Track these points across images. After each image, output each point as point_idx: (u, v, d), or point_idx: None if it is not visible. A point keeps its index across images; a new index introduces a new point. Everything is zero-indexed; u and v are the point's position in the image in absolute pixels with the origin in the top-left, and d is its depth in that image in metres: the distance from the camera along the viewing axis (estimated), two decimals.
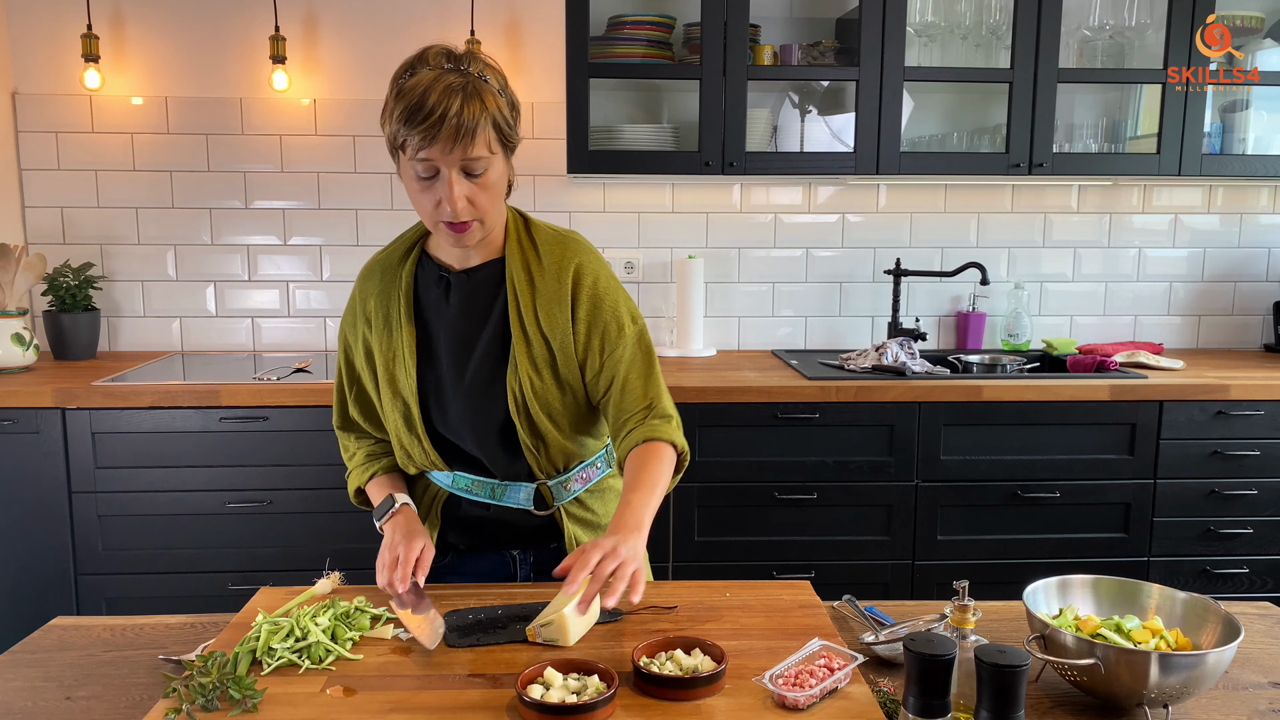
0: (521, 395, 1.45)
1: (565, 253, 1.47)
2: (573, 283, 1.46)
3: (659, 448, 1.43)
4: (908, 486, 2.70)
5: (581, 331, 1.46)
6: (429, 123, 1.27)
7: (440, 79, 1.29)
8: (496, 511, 1.52)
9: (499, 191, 1.39)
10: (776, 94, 3.12)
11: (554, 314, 1.45)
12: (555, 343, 1.45)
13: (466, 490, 1.52)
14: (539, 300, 1.45)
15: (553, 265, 1.46)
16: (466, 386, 1.47)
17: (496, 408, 1.46)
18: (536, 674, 1.14)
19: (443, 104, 1.27)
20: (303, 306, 3.18)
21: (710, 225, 3.21)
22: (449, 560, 1.59)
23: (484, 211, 1.37)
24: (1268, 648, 1.34)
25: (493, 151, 1.34)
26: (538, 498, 1.52)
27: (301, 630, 1.25)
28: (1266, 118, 3.05)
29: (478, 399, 1.47)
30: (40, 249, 3.05)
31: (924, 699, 1.01)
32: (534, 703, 1.07)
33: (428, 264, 1.51)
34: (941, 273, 3.14)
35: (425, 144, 1.29)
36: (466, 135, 1.29)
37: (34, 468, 2.57)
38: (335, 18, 3.05)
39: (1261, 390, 2.71)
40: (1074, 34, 2.99)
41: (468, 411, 1.47)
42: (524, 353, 1.45)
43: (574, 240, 1.51)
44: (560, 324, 1.45)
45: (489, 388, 1.47)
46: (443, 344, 1.48)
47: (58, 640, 1.38)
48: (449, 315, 1.48)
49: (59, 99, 3.02)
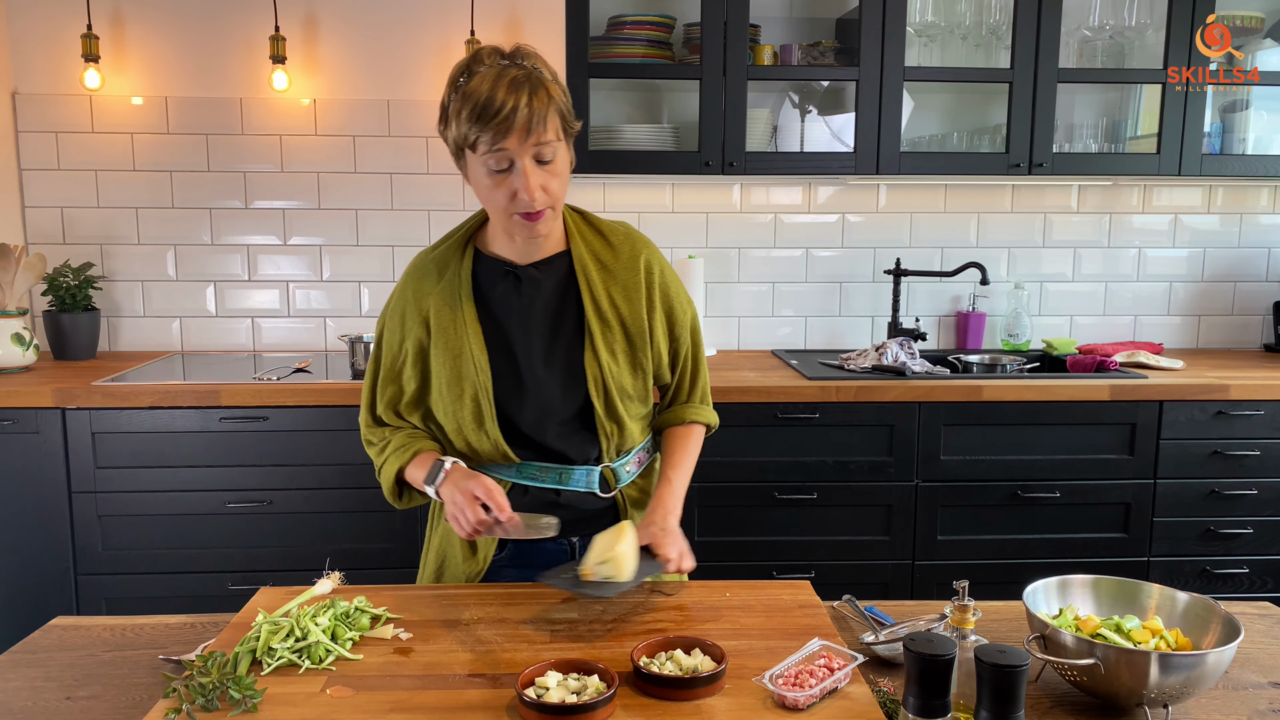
0: (602, 379, 1.50)
1: (635, 244, 1.56)
2: (645, 273, 1.54)
3: (695, 430, 1.64)
4: (908, 486, 2.70)
5: (659, 319, 1.55)
6: (501, 117, 1.32)
7: (502, 74, 1.35)
8: (565, 496, 1.54)
9: (566, 178, 1.44)
10: (776, 94, 3.12)
11: (632, 299, 1.53)
12: (631, 326, 1.52)
13: (532, 478, 1.54)
14: (614, 287, 1.53)
15: (625, 253, 1.55)
16: (546, 375, 1.50)
17: (576, 393, 1.51)
18: (536, 674, 1.14)
19: (512, 98, 1.33)
20: (303, 306, 3.18)
21: (710, 225, 3.21)
22: (507, 552, 1.58)
23: (555, 199, 1.42)
24: (1268, 648, 1.34)
25: (559, 139, 1.39)
26: (601, 481, 1.55)
27: (301, 630, 1.25)
28: (1266, 118, 3.05)
29: (558, 386, 1.50)
30: (40, 249, 3.05)
31: (924, 699, 1.01)
32: (534, 703, 1.07)
33: (485, 260, 1.53)
34: (941, 273, 3.14)
35: (500, 138, 1.34)
36: (539, 124, 1.34)
37: (34, 468, 2.57)
38: (335, 18, 3.05)
39: (1261, 390, 2.71)
40: (1074, 34, 2.99)
41: (548, 399, 1.50)
42: (601, 337, 1.51)
43: (637, 233, 1.60)
44: (636, 310, 1.52)
45: (568, 374, 1.51)
46: (517, 337, 1.51)
47: (58, 640, 1.38)
48: (521, 308, 1.51)
49: (59, 99, 3.02)
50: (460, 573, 1.57)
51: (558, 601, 1.42)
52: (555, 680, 1.13)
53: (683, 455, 1.60)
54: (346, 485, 2.63)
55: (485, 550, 1.55)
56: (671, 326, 1.57)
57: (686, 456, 1.60)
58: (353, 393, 2.59)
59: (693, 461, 1.61)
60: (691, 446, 1.62)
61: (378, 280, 3.18)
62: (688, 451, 1.61)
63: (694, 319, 1.63)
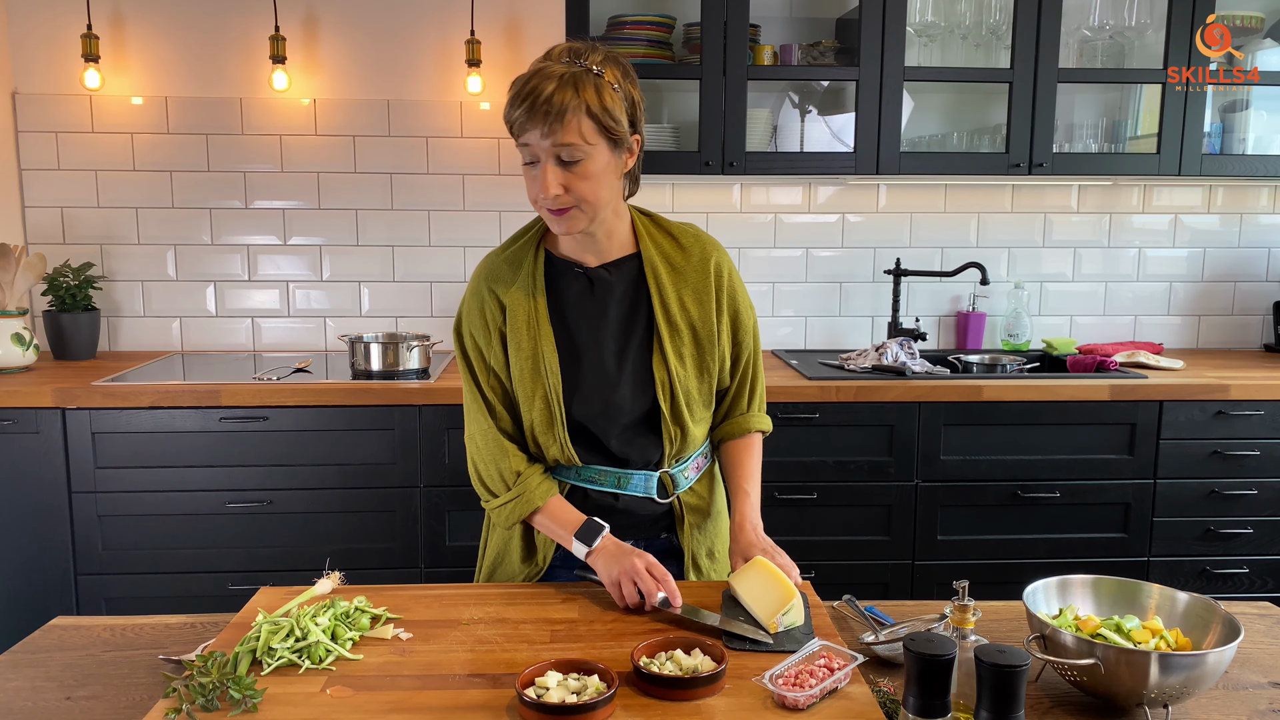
0: (670, 383, 1.49)
1: (705, 247, 1.56)
2: (715, 275, 1.54)
3: (756, 440, 1.64)
4: (908, 486, 2.70)
5: (725, 323, 1.55)
6: (524, 105, 1.34)
7: (549, 68, 1.37)
8: (623, 500, 1.54)
9: (602, 183, 1.41)
10: (776, 94, 3.12)
11: (702, 302, 1.53)
12: (700, 330, 1.52)
13: (591, 481, 1.53)
14: (685, 290, 1.53)
15: (696, 255, 1.55)
16: (616, 377, 1.50)
17: (644, 396, 1.50)
18: (536, 674, 1.14)
19: (538, 88, 1.34)
20: (303, 306, 3.18)
21: (710, 225, 3.21)
22: (563, 554, 1.57)
23: (582, 199, 1.40)
24: (1268, 648, 1.34)
25: (589, 141, 1.37)
26: (660, 486, 1.54)
27: (301, 630, 1.24)
28: (1266, 118, 3.05)
29: (626, 389, 1.50)
30: (40, 249, 3.05)
31: (924, 699, 1.01)
32: (534, 703, 1.07)
33: (556, 262, 1.53)
34: (941, 273, 3.14)
35: (522, 127, 1.36)
36: (556, 120, 1.34)
37: (34, 468, 2.57)
38: (335, 18, 3.05)
39: (1261, 390, 2.71)
40: (1074, 34, 2.98)
41: (618, 401, 1.50)
42: (670, 341, 1.50)
43: (707, 235, 1.60)
44: (705, 313, 1.53)
45: (636, 377, 1.50)
46: (587, 338, 1.51)
47: (58, 640, 1.38)
48: (593, 310, 1.51)
49: (59, 99, 3.02)
50: (518, 573, 1.58)
51: (558, 601, 1.42)
52: (555, 680, 1.13)
53: (754, 466, 1.61)
54: (346, 485, 2.63)
55: (544, 551, 1.56)
56: (736, 330, 1.57)
57: (757, 468, 1.62)
58: (353, 393, 2.58)
59: (760, 471, 1.62)
60: (758, 457, 1.63)
61: (378, 280, 3.18)
62: (757, 462, 1.62)
63: (756, 324, 1.63)
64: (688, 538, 1.57)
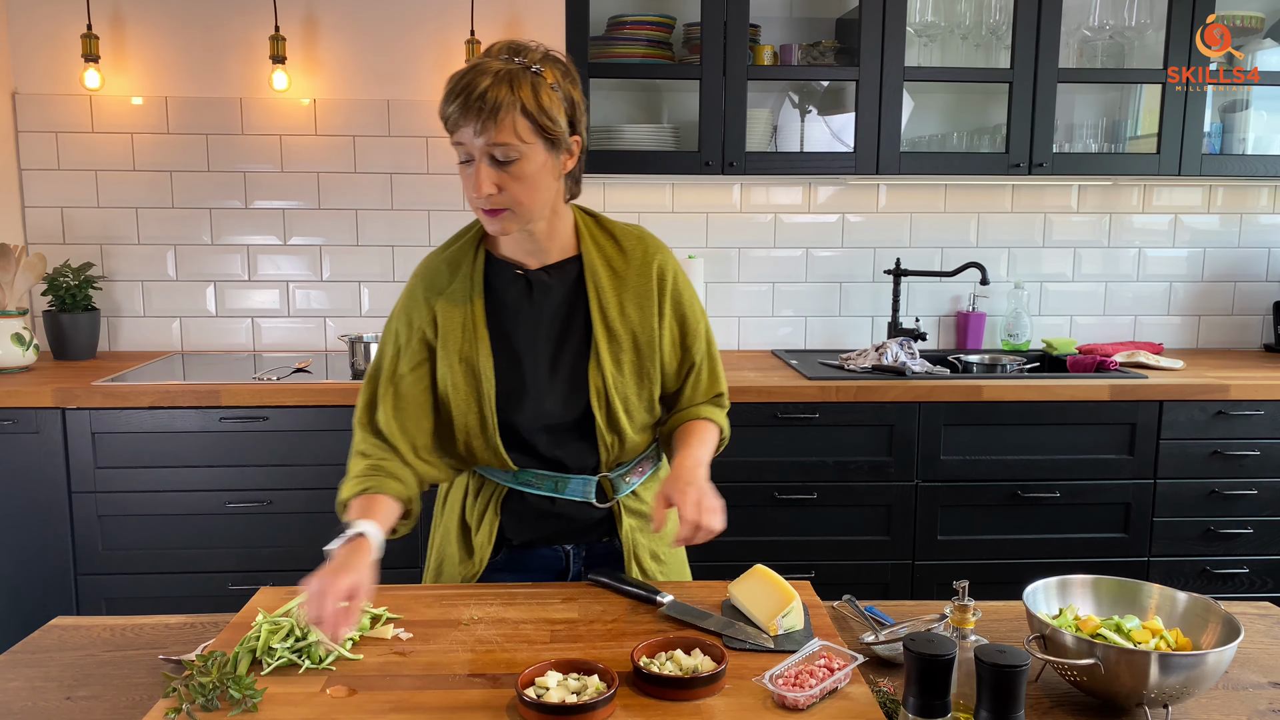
0: (604, 388, 1.47)
1: (648, 249, 1.52)
2: (658, 278, 1.50)
3: (710, 426, 1.54)
4: (908, 486, 2.70)
5: (667, 326, 1.51)
6: (458, 101, 1.31)
7: (486, 63, 1.33)
8: (560, 505, 1.53)
9: (537, 184, 1.37)
10: (776, 94, 3.12)
11: (642, 307, 1.49)
12: (640, 336, 1.49)
13: (528, 485, 1.53)
14: (625, 294, 1.49)
15: (637, 259, 1.51)
16: (549, 382, 1.48)
17: (578, 402, 1.48)
18: (536, 674, 1.14)
19: (473, 84, 1.31)
20: (303, 306, 3.18)
21: (710, 225, 3.21)
22: (503, 556, 1.58)
23: (516, 201, 1.37)
24: (1268, 648, 1.34)
25: (525, 141, 1.33)
26: (599, 490, 1.53)
27: (301, 630, 1.25)
28: (1266, 118, 3.05)
29: (560, 394, 1.48)
30: (40, 249, 3.05)
31: (924, 699, 1.01)
32: (534, 703, 1.07)
33: (496, 263, 1.51)
34: (941, 273, 3.14)
35: (456, 124, 1.33)
36: (489, 117, 1.30)
37: (34, 468, 2.56)
38: (335, 18, 3.05)
39: (1261, 390, 2.71)
40: (1074, 34, 2.98)
41: (549, 407, 1.48)
42: (606, 346, 1.47)
43: (651, 236, 1.55)
44: (645, 317, 1.49)
45: (570, 383, 1.48)
46: (523, 342, 1.49)
47: (58, 640, 1.38)
48: (530, 313, 1.49)
49: (59, 99, 3.02)
50: (456, 574, 1.57)
51: (558, 601, 1.42)
52: (555, 680, 1.13)
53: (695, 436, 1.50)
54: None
55: (481, 554, 1.55)
56: (683, 336, 1.53)
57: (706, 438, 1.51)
58: (353, 392, 2.58)
59: (713, 444, 1.52)
60: (708, 433, 1.52)
61: (378, 280, 3.18)
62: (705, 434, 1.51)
63: (708, 329, 1.58)
64: (628, 541, 1.55)
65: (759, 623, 1.30)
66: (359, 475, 1.48)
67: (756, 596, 1.33)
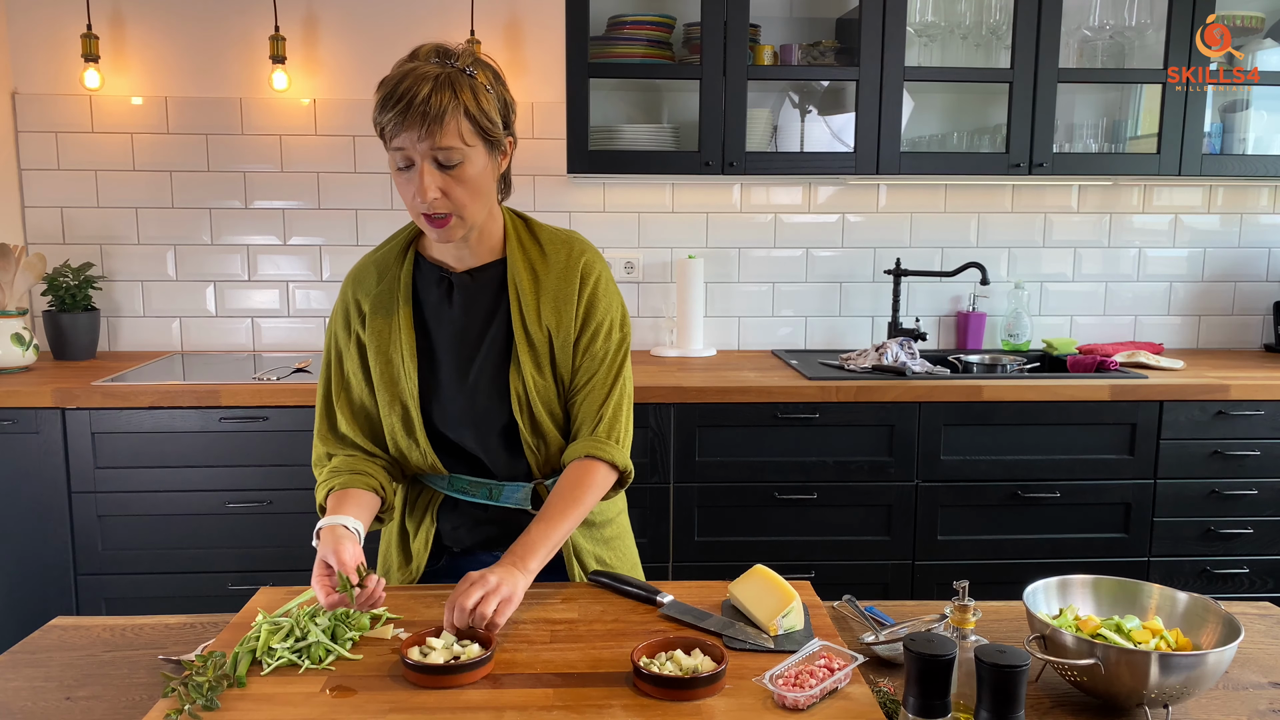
0: (525, 394, 1.46)
1: (572, 251, 1.49)
2: (580, 281, 1.48)
3: (593, 467, 1.44)
4: (908, 486, 2.70)
5: (577, 327, 1.48)
6: (398, 108, 1.29)
7: (418, 69, 1.32)
8: (494, 512, 1.52)
9: (479, 188, 1.37)
10: (776, 94, 3.12)
11: (560, 311, 1.46)
12: (558, 341, 1.47)
13: (463, 491, 1.52)
14: (544, 298, 1.47)
15: (559, 263, 1.48)
16: (469, 387, 1.47)
17: (500, 407, 1.47)
18: (420, 639, 1.23)
19: (411, 90, 1.29)
20: (302, 306, 3.18)
21: (710, 225, 3.21)
22: (443, 563, 1.58)
23: (460, 206, 1.36)
24: (1268, 648, 1.34)
25: (468, 144, 1.33)
26: (534, 497, 1.52)
27: (301, 630, 1.25)
28: (1266, 118, 3.05)
29: (481, 399, 1.47)
30: (40, 249, 3.05)
31: (924, 699, 1.01)
32: (415, 664, 1.16)
33: (424, 265, 1.51)
34: (941, 273, 3.14)
35: (396, 130, 1.31)
36: (434, 122, 1.29)
37: (34, 468, 2.57)
38: (335, 18, 3.05)
39: (1261, 390, 2.71)
40: (1074, 34, 2.99)
41: (470, 412, 1.48)
42: (526, 352, 1.46)
43: (579, 239, 1.53)
44: (565, 321, 1.47)
45: (492, 387, 1.47)
46: (444, 345, 1.48)
47: (58, 640, 1.38)
48: (451, 316, 1.48)
49: (59, 99, 3.02)
50: (395, 579, 1.57)
51: (558, 601, 1.42)
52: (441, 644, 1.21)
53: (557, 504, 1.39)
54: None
55: (418, 560, 1.55)
56: (590, 338, 1.47)
57: (561, 505, 1.39)
58: None
59: (569, 512, 1.39)
60: (576, 492, 1.40)
61: None
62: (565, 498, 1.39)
63: (620, 341, 1.50)
64: (567, 547, 1.53)
65: (759, 623, 1.30)
66: (327, 476, 1.49)
67: (756, 596, 1.33)
